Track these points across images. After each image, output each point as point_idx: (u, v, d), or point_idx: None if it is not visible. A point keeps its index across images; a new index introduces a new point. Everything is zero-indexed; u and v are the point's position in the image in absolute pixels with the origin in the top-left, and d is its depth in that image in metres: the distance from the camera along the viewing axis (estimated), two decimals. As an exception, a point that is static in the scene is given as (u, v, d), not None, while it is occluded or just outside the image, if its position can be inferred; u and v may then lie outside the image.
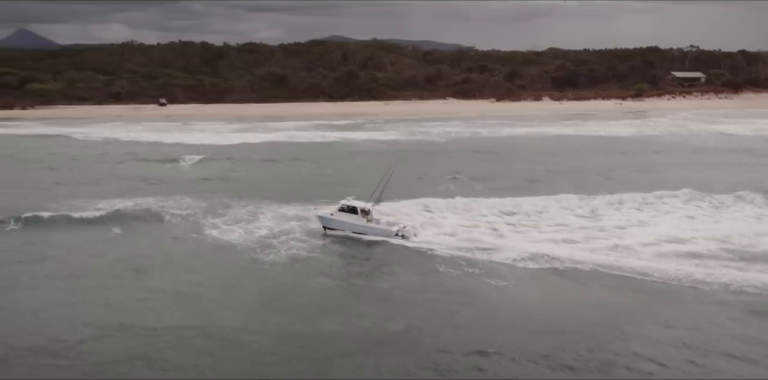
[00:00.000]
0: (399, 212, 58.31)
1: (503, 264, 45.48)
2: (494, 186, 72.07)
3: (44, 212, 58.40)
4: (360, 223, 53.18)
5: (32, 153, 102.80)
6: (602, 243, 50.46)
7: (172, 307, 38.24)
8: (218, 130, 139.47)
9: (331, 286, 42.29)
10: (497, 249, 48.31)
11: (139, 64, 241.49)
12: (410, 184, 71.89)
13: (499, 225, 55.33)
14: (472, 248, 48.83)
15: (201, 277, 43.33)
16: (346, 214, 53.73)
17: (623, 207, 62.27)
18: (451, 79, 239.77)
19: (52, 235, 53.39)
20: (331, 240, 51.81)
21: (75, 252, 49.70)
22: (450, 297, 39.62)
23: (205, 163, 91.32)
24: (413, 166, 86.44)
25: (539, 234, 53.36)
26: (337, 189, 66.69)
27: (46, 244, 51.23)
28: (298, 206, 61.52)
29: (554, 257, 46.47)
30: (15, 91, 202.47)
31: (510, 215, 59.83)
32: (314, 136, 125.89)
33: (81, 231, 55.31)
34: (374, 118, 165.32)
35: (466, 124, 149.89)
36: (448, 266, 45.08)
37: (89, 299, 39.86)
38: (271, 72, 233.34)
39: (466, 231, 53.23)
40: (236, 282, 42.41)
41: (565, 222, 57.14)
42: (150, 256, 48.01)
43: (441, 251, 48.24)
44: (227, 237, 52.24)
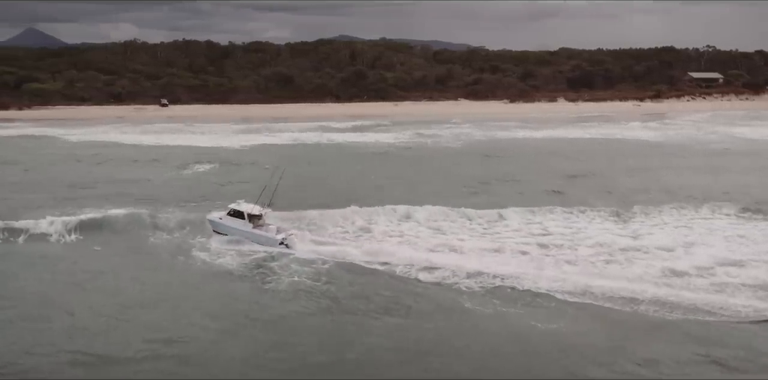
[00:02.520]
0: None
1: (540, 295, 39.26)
2: (513, 196, 65.58)
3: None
4: (245, 229, 49.77)
5: (13, 155, 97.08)
6: (648, 270, 43.87)
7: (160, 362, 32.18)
8: (222, 132, 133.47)
9: (345, 329, 35.76)
10: (527, 279, 41.96)
11: (142, 64, 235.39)
12: (416, 190, 67.46)
13: (530, 247, 48.98)
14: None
15: (192, 319, 36.79)
16: (233, 219, 50.51)
17: (663, 222, 55.76)
18: (462, 80, 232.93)
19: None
20: (335, 264, 45.00)
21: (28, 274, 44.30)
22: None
23: (203, 167, 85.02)
24: (423, 170, 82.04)
25: (573, 256, 46.96)
26: (339, 195, 63.30)
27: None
28: (300, 214, 55.97)
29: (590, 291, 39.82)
30: (12, 90, 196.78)
31: (531, 224, 54.81)
32: (320, 139, 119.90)
33: (32, 246, 50.45)
34: (383, 120, 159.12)
35: (478, 126, 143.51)
36: (476, 303, 38.53)
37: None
38: (277, 72, 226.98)
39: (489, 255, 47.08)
40: (234, 329, 35.71)
41: (603, 240, 50.62)
42: (124, 289, 41.52)
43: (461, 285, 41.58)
44: (219, 262, 45.98)
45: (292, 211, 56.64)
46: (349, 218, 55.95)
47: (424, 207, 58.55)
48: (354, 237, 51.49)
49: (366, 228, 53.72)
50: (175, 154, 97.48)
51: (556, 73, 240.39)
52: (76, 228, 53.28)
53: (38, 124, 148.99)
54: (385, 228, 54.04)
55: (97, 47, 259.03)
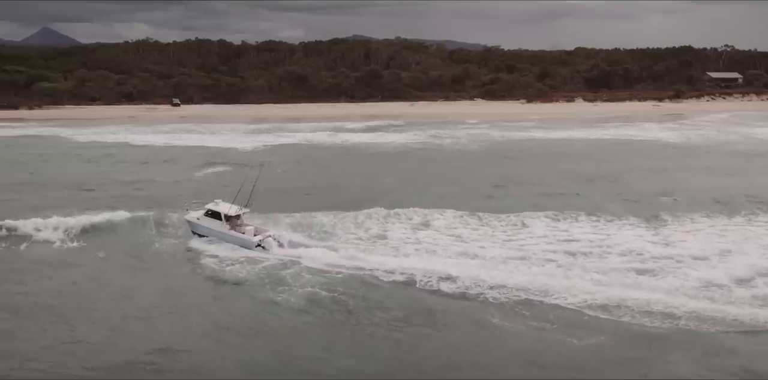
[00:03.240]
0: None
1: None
2: (534, 200, 62.98)
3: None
4: (222, 230, 48.38)
5: (20, 156, 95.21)
6: (685, 281, 40.98)
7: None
8: (234, 132, 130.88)
9: (363, 343, 33.19)
10: (555, 291, 39.20)
11: (154, 63, 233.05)
12: (433, 193, 65.60)
13: (556, 255, 46.16)
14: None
15: (199, 331, 34.55)
16: (210, 219, 49.02)
17: (696, 229, 52.84)
18: (479, 79, 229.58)
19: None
20: (350, 273, 42.36)
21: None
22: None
23: (214, 169, 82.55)
24: (440, 172, 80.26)
25: (603, 264, 44.16)
26: (353, 199, 61.51)
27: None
28: (311, 220, 53.67)
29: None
30: (23, 90, 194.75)
31: (556, 230, 52.17)
32: (334, 140, 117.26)
33: (34, 250, 48.66)
34: (398, 120, 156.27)
35: (495, 126, 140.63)
36: (504, 318, 35.67)
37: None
38: (290, 71, 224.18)
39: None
40: (244, 342, 33.34)
41: (632, 248, 47.76)
42: (127, 298, 39.11)
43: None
44: (229, 269, 43.40)
45: (301, 213, 54.71)
46: (362, 224, 53.56)
47: (442, 213, 56.30)
48: (369, 244, 48.89)
49: (381, 235, 51.12)
50: (186, 155, 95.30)
51: (574, 73, 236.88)
52: (80, 233, 51.62)
53: (47, 124, 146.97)
54: (401, 234, 51.40)
55: (107, 46, 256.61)
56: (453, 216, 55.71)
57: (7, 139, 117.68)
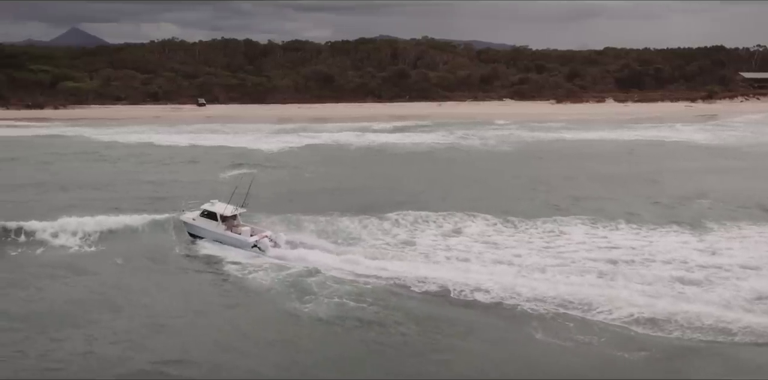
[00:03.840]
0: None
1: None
2: (570, 204, 60.80)
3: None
4: (218, 231, 47.52)
5: (41, 156, 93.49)
6: (737, 292, 38.33)
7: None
8: (260, 132, 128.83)
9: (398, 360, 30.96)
10: (599, 303, 36.69)
11: (180, 62, 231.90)
12: (462, 196, 63.38)
13: (597, 263, 43.62)
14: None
15: (223, 344, 32.67)
16: (206, 220, 48.19)
17: (742, 236, 50.15)
18: (507, 79, 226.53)
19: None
20: (380, 284, 40.00)
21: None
22: None
23: (239, 170, 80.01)
24: (469, 174, 78.22)
25: (647, 273, 41.58)
26: (381, 200, 60.17)
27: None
28: (335, 226, 51.66)
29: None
30: (48, 89, 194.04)
31: (596, 237, 49.73)
32: (360, 140, 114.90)
33: (51, 255, 46.94)
34: (426, 120, 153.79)
35: (524, 127, 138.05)
36: (547, 333, 33.27)
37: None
38: (317, 71, 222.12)
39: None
40: (271, 356, 31.42)
41: (677, 256, 45.17)
42: (146, 308, 37.08)
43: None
44: (252, 277, 41.26)
45: (327, 218, 52.81)
46: (390, 230, 51.37)
47: (473, 217, 54.26)
48: (398, 250, 46.66)
49: (410, 242, 48.90)
50: (210, 155, 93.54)
51: (604, 73, 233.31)
52: (98, 237, 50.04)
53: (72, 124, 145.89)
54: (431, 241, 49.15)
55: (135, 46, 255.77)
56: (485, 221, 53.68)
57: (31, 139, 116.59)
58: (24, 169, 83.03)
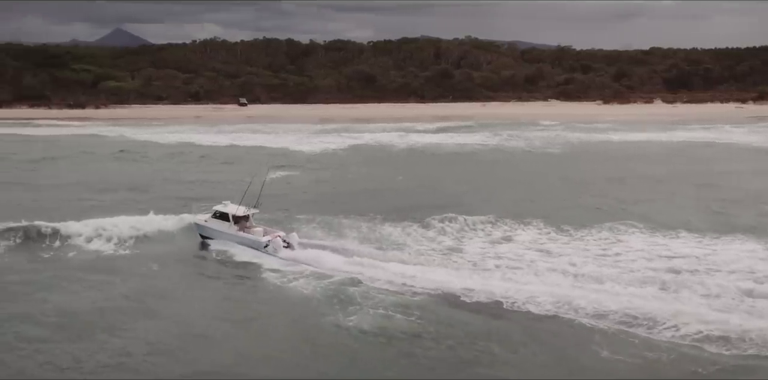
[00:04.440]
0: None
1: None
2: (625, 209, 57.65)
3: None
4: (230, 231, 46.33)
5: (78, 155, 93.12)
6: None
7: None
8: (301, 132, 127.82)
9: None
10: (664, 318, 33.87)
11: (222, 62, 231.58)
12: (510, 200, 60.82)
13: (657, 273, 40.77)
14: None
15: (262, 359, 30.31)
16: (218, 221, 47.09)
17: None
18: (552, 80, 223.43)
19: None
20: (428, 295, 37.22)
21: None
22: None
23: (281, 172, 78.12)
24: (515, 177, 75.69)
25: (713, 284, 38.60)
26: (425, 204, 57.62)
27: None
28: (378, 233, 49.05)
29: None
30: (90, 89, 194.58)
31: (656, 245, 46.30)
32: (403, 141, 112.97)
33: (81, 257, 45.15)
34: (469, 121, 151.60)
35: (570, 128, 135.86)
36: (613, 350, 30.49)
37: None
38: (359, 71, 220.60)
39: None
40: (314, 375, 29.01)
41: (742, 266, 42.07)
42: (181, 317, 34.89)
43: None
44: (293, 285, 38.99)
45: (369, 223, 50.53)
46: (435, 236, 48.82)
47: (521, 221, 51.67)
48: (444, 258, 44.14)
49: (456, 248, 46.33)
50: (251, 156, 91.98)
51: (652, 73, 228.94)
52: (132, 239, 48.00)
53: (112, 124, 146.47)
54: (479, 248, 46.56)
55: (177, 46, 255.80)
56: (535, 227, 50.91)
57: (72, 138, 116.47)
58: (63, 168, 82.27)
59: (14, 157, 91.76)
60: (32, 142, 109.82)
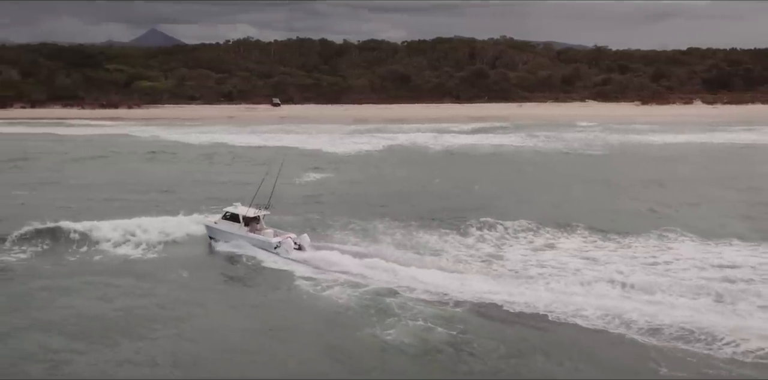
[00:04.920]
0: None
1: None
2: (671, 211, 55.71)
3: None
4: (240, 233, 45.56)
5: (108, 155, 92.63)
6: None
7: None
8: (336, 133, 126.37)
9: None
10: (723, 333, 31.62)
11: (255, 62, 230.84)
12: (552, 204, 58.42)
13: (711, 283, 38.42)
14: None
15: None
16: (229, 223, 46.39)
17: None
18: (590, 80, 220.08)
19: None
20: (469, 305, 35.04)
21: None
22: None
23: (318, 174, 76.59)
24: (555, 180, 72.84)
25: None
26: (462, 207, 55.71)
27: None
28: (416, 232, 47.65)
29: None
30: (122, 89, 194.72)
31: (708, 253, 43.66)
32: (438, 142, 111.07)
33: (106, 261, 43.66)
34: (505, 122, 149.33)
35: (609, 129, 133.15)
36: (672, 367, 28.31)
37: None
38: (393, 70, 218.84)
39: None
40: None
41: None
42: (210, 330, 32.86)
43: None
44: (327, 294, 37.12)
45: (404, 229, 48.62)
46: (474, 241, 46.77)
47: (565, 226, 49.62)
48: (484, 265, 42.11)
49: (497, 255, 44.24)
50: (287, 157, 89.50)
51: (691, 74, 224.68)
52: (160, 243, 46.56)
53: (145, 124, 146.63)
54: (521, 255, 44.45)
55: (210, 46, 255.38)
56: (578, 233, 48.66)
57: (103, 138, 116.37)
58: (93, 168, 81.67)
59: (46, 156, 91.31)
60: (65, 142, 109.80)
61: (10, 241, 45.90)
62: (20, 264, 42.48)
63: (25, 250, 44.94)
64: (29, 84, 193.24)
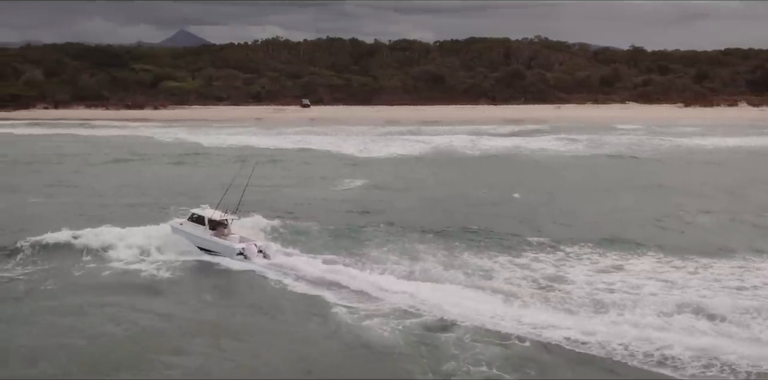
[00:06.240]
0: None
1: None
2: (747, 227, 49.83)
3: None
4: (204, 236, 43.14)
5: (130, 157, 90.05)
6: None
7: None
8: (368, 135, 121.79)
9: None
10: None
11: (284, 62, 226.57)
12: (609, 216, 53.33)
13: None
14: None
15: None
16: (193, 225, 44.21)
17: None
18: (630, 81, 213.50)
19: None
20: (535, 343, 29.57)
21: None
22: None
23: (351, 181, 71.36)
24: (610, 187, 67.70)
25: None
26: (513, 218, 51.68)
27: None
28: (460, 252, 42.30)
29: None
30: (149, 89, 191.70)
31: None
32: (477, 145, 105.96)
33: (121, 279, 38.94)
34: (543, 124, 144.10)
35: (652, 132, 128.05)
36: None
37: None
38: (425, 71, 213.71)
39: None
40: None
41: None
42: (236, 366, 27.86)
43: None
44: (367, 325, 31.57)
45: (447, 250, 42.99)
46: (528, 264, 40.95)
47: (632, 245, 43.80)
48: (543, 291, 36.43)
49: (559, 277, 38.59)
50: (319, 162, 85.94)
51: (734, 74, 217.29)
52: (179, 258, 42.09)
53: (170, 125, 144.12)
54: (585, 276, 38.81)
55: (238, 45, 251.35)
56: (644, 248, 43.22)
57: (127, 139, 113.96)
58: (112, 172, 78.40)
59: (66, 159, 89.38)
60: (85, 144, 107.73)
61: (17, 253, 42.25)
62: (24, 280, 38.50)
63: (31, 264, 41.12)
64: (53, 84, 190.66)
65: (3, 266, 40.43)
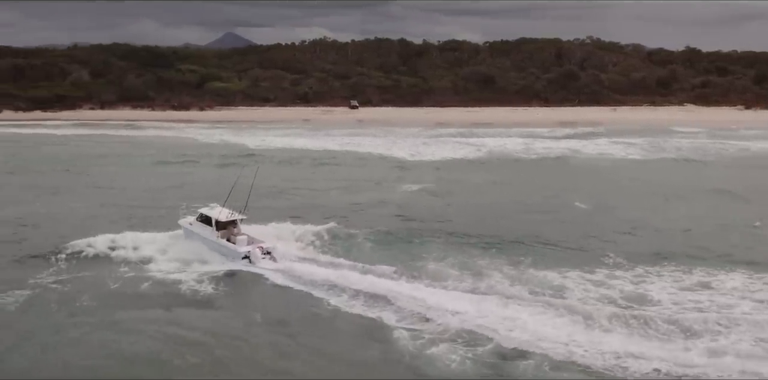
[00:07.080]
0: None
1: None
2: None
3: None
4: (211, 238, 41.94)
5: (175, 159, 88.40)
6: None
7: None
8: (417, 138, 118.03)
9: None
10: None
11: (332, 63, 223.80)
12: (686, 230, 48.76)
13: None
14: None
15: None
16: (201, 225, 43.05)
17: None
18: (687, 82, 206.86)
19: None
20: (610, 360, 26.45)
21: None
22: None
23: (407, 185, 67.90)
24: (684, 193, 64.20)
25: None
26: (582, 228, 48.43)
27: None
28: (529, 267, 38.84)
29: None
30: (195, 90, 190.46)
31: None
32: (532, 148, 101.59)
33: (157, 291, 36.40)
34: (599, 127, 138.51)
35: (714, 136, 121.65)
36: None
37: None
38: (476, 71, 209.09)
39: None
40: None
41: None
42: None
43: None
44: (432, 354, 27.86)
45: (509, 257, 40.12)
46: (604, 282, 37.02)
47: (719, 261, 40.06)
48: (621, 311, 32.49)
49: (640, 296, 34.69)
50: (369, 165, 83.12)
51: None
52: (222, 267, 39.81)
53: (216, 126, 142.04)
54: (669, 295, 34.94)
55: (285, 46, 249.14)
56: (737, 269, 38.94)
57: (172, 141, 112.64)
58: (153, 174, 76.62)
59: (113, 160, 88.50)
60: (132, 145, 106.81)
61: (53, 261, 40.90)
62: (57, 290, 36.35)
63: (65, 272, 39.18)
64: (99, 84, 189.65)
65: (38, 274, 38.30)
